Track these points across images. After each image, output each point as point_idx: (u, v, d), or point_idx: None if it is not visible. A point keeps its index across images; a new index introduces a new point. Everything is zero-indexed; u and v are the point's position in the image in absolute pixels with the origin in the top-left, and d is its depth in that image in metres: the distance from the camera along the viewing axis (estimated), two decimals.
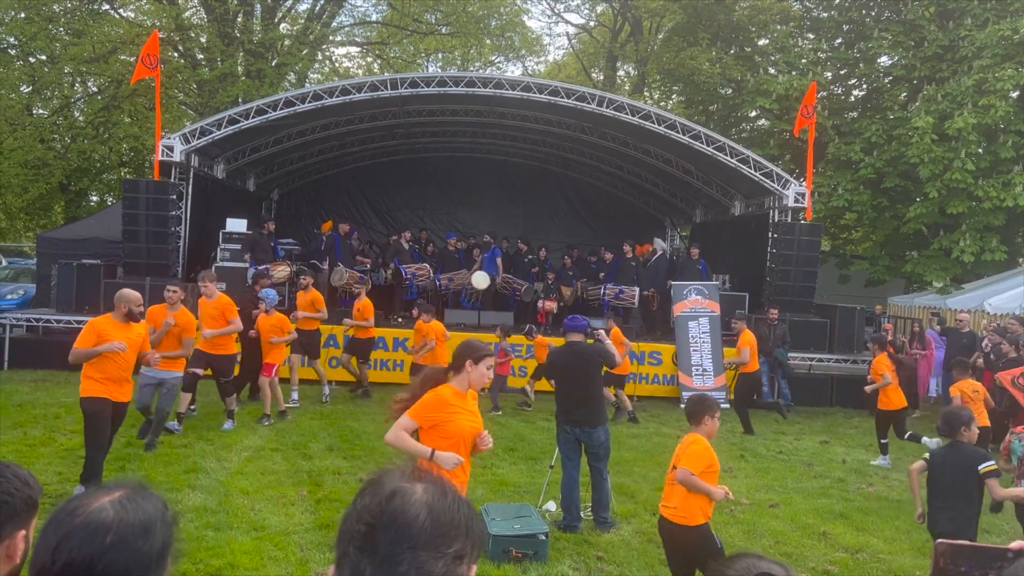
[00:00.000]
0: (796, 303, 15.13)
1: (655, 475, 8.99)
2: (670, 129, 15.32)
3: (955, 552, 1.96)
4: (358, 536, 1.30)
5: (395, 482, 1.36)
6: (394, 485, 1.35)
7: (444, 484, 1.38)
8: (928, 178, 18.34)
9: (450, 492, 1.36)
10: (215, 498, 7.09)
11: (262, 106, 14.98)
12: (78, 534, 1.36)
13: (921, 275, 19.68)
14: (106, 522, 1.37)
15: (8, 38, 23.62)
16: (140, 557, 1.38)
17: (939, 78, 19.72)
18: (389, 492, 1.33)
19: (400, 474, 1.39)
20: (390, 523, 1.29)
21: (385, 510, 1.30)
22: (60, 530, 1.37)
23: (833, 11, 23.27)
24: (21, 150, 21.88)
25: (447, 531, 1.30)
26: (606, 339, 7.39)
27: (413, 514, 1.29)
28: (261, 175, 19.50)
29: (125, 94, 23.55)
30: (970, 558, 1.95)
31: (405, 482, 1.36)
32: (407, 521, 1.29)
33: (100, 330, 6.71)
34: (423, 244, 18.09)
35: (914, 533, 7.48)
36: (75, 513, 1.39)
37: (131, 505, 1.41)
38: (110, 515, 1.38)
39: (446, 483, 1.38)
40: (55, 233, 18.02)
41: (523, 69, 36.18)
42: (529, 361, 13.48)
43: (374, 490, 1.36)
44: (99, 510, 1.39)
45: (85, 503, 1.40)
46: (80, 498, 1.43)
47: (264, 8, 25.81)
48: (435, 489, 1.35)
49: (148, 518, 1.41)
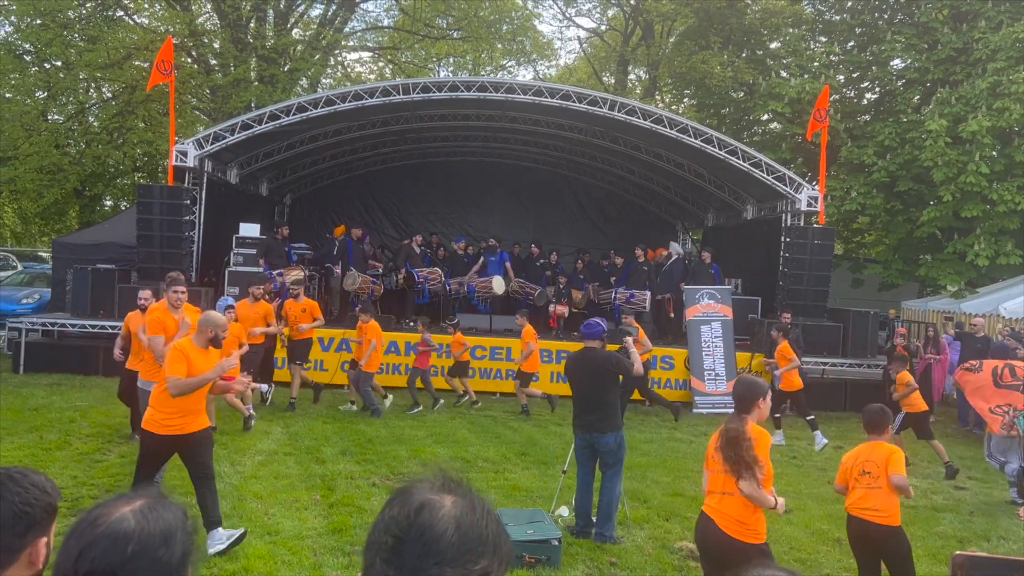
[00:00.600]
0: (809, 307, 15.06)
1: (668, 480, 8.98)
2: (682, 133, 15.30)
3: (973, 563, 1.96)
4: (385, 548, 1.30)
5: (424, 494, 1.35)
6: (423, 497, 1.34)
7: (474, 498, 1.37)
8: (942, 181, 18.25)
9: (479, 507, 1.35)
10: (229, 502, 7.12)
11: (275, 111, 15.05)
12: (100, 544, 1.37)
13: (935, 279, 19.56)
14: (127, 532, 1.39)
15: (24, 44, 23.83)
16: (161, 566, 1.39)
17: (953, 81, 19.61)
18: (418, 505, 1.32)
19: (429, 485, 1.38)
20: (417, 538, 1.29)
21: (413, 524, 1.30)
22: (82, 540, 1.39)
23: (845, 14, 23.20)
24: (37, 156, 22.06)
25: (474, 547, 1.30)
26: (631, 348, 7.37)
27: (441, 529, 1.29)
28: (274, 180, 19.60)
29: (139, 100, 23.70)
30: (988, 568, 1.95)
31: (434, 494, 1.35)
32: (434, 536, 1.28)
33: (190, 357, 5.81)
34: (434, 248, 18.13)
35: (929, 540, 7.44)
36: (96, 523, 1.40)
37: (152, 514, 1.42)
38: (131, 525, 1.40)
39: (475, 496, 1.38)
40: (70, 238, 18.16)
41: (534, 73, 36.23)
42: (448, 361, 13.14)
43: (403, 501, 1.35)
44: (120, 520, 1.40)
45: (106, 512, 1.42)
46: (101, 507, 1.44)
47: (277, 14, 25.94)
48: (464, 503, 1.35)
49: (169, 527, 1.42)
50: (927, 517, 8.20)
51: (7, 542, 1.71)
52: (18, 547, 1.72)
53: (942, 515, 8.28)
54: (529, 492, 8.09)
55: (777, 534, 7.25)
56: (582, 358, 7.09)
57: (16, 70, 23.33)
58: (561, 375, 13.32)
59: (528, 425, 11.72)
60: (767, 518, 4.63)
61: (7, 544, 1.71)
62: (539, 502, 7.63)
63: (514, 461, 9.39)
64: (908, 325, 17.69)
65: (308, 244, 18.06)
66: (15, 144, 21.99)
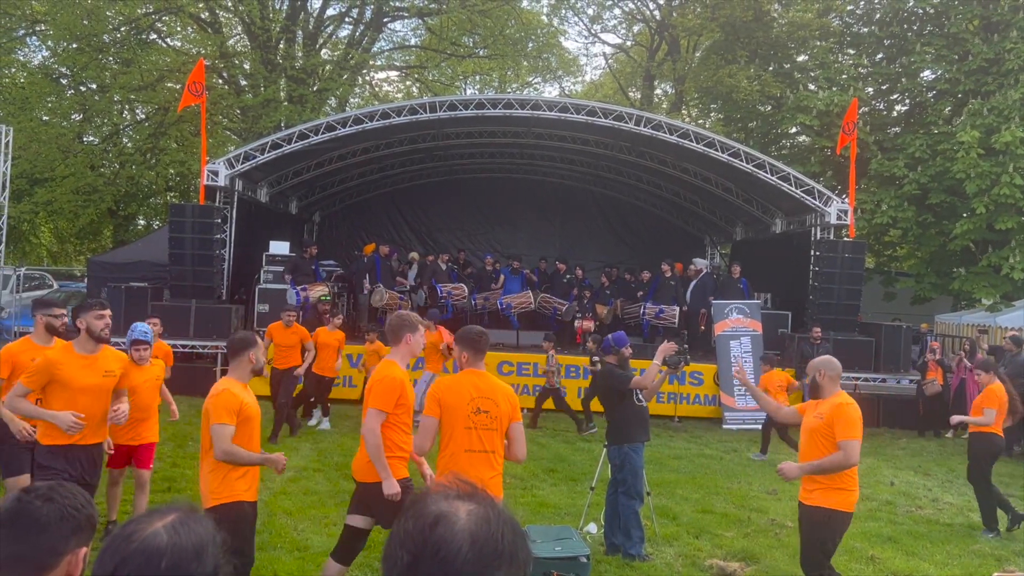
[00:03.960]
0: (840, 322, 14.88)
1: (697, 496, 8.90)
2: (709, 147, 15.25)
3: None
4: (401, 564, 1.29)
5: (439, 504, 1.34)
6: (438, 509, 1.33)
7: (489, 506, 1.35)
8: (975, 193, 17.99)
9: (495, 516, 1.33)
10: (259, 519, 7.15)
11: (304, 131, 15.25)
12: (134, 559, 1.40)
13: (969, 292, 19.26)
14: (160, 547, 1.41)
15: (61, 68, 24.42)
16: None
17: (985, 91, 19.37)
18: (432, 519, 1.31)
19: (444, 494, 1.36)
20: (432, 555, 1.27)
21: (428, 540, 1.28)
22: (116, 555, 1.42)
23: (873, 26, 23.03)
24: (73, 177, 22.54)
25: (490, 561, 1.28)
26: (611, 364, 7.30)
27: (456, 547, 1.27)
28: (303, 198, 19.82)
29: (172, 120, 24.16)
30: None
31: (449, 505, 1.33)
32: (450, 554, 1.27)
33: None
34: (461, 264, 18.19)
35: (965, 558, 7.29)
36: (130, 539, 1.43)
37: (184, 529, 1.45)
38: (164, 540, 1.42)
39: (491, 504, 1.35)
40: (104, 257, 18.49)
41: (560, 89, 36.40)
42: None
43: (417, 513, 1.34)
44: (153, 535, 1.43)
45: (140, 528, 1.45)
46: (135, 523, 1.47)
47: (305, 34, 26.34)
48: (480, 512, 1.33)
49: (200, 542, 1.45)
50: (964, 535, 8.04)
51: (53, 543, 1.77)
52: (63, 550, 1.77)
53: (979, 533, 8.11)
54: (557, 509, 8.06)
55: None
56: (598, 374, 7.23)
57: (53, 93, 23.91)
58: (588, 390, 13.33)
59: (556, 441, 11.68)
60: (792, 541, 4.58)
61: (52, 545, 1.77)
62: (567, 519, 7.59)
63: (542, 477, 9.36)
64: (942, 339, 17.42)
65: (337, 261, 18.21)
66: (52, 166, 22.49)
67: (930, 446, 13.07)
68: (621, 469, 6.84)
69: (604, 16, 32.30)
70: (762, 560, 6.83)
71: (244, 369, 4.82)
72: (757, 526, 7.86)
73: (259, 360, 4.87)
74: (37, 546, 1.75)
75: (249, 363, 4.81)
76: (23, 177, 22.41)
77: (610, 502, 6.94)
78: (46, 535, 1.76)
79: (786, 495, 9.20)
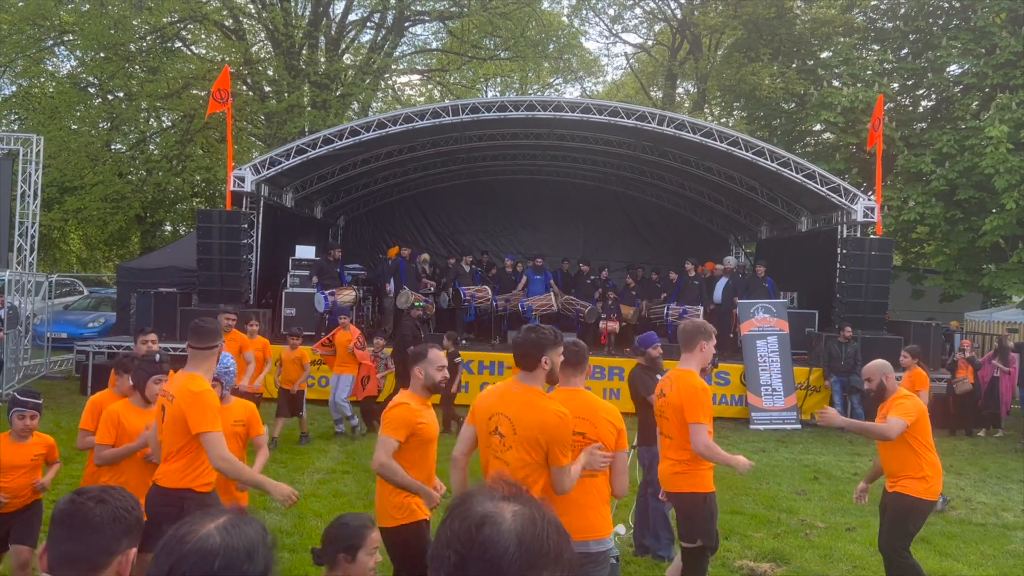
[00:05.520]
0: (868, 320, 14.74)
1: (727, 497, 8.84)
2: (733, 146, 15.18)
3: None
4: (448, 564, 1.31)
5: (484, 505, 1.35)
6: (484, 510, 1.34)
7: (534, 507, 1.36)
8: (1004, 189, 17.72)
9: (540, 517, 1.35)
10: (289, 520, 7.25)
11: (328, 135, 15.37)
12: (189, 560, 1.45)
13: (1000, 289, 18.98)
14: (214, 548, 1.46)
15: (89, 77, 24.80)
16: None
17: (1013, 86, 19.09)
18: (479, 519, 1.32)
19: (489, 495, 1.37)
20: (480, 555, 1.29)
21: (475, 540, 1.30)
22: (171, 556, 1.46)
23: (898, 21, 22.78)
24: (102, 185, 22.87)
25: (536, 561, 1.30)
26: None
27: (503, 547, 1.29)
28: (328, 202, 19.98)
29: (197, 127, 24.45)
30: None
31: (494, 506, 1.35)
32: (497, 554, 1.29)
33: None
34: (484, 266, 18.24)
35: (1000, 559, 7.21)
36: (184, 540, 1.47)
37: (235, 531, 1.49)
38: (217, 541, 1.47)
39: (535, 505, 1.37)
40: (133, 263, 18.76)
41: (581, 90, 36.35)
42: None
43: (463, 514, 1.35)
44: (206, 536, 1.47)
45: (193, 530, 1.49)
46: (188, 524, 1.52)
47: (328, 40, 26.55)
48: (525, 513, 1.34)
49: (251, 543, 1.49)
50: (997, 535, 7.94)
51: (105, 543, 1.83)
52: (115, 549, 1.83)
53: (1013, 533, 8.01)
54: None
55: (840, 552, 7.10)
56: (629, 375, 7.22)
57: (81, 102, 24.28)
58: (614, 391, 13.31)
59: None
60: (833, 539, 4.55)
61: (105, 545, 1.83)
62: None
63: None
64: (972, 336, 17.20)
65: (362, 265, 18.33)
66: (81, 174, 22.84)
67: (962, 445, 12.90)
68: (651, 470, 6.83)
69: (625, 16, 32.24)
70: (792, 561, 6.80)
71: (416, 384, 4.47)
72: (787, 527, 7.82)
73: (430, 376, 4.43)
74: (91, 546, 1.81)
75: (417, 378, 4.44)
76: (53, 185, 22.78)
77: (639, 504, 6.94)
78: (99, 535, 1.82)
79: (815, 496, 9.14)
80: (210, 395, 4.33)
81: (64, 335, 17.53)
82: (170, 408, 4.33)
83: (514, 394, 3.93)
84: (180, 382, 4.43)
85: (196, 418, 4.22)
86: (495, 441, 3.93)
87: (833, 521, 8.06)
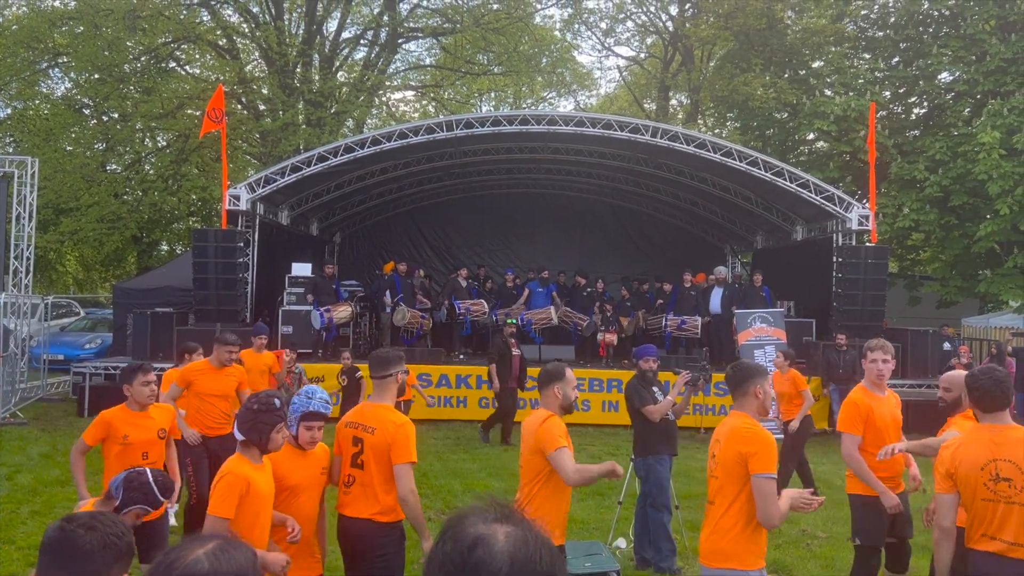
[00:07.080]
0: (865, 328, 14.70)
1: None
2: (726, 156, 15.22)
3: None
4: None
5: (477, 527, 1.34)
6: (476, 532, 1.33)
7: (527, 528, 1.36)
8: (998, 194, 17.81)
9: (532, 538, 1.34)
10: None
11: (323, 153, 15.39)
12: None
13: (996, 294, 19.02)
14: (202, 574, 1.44)
15: (83, 99, 24.86)
16: None
17: (1004, 92, 19.21)
18: (472, 541, 1.32)
19: (482, 515, 1.37)
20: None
21: (468, 562, 1.30)
22: None
23: (889, 30, 22.93)
24: (97, 206, 22.86)
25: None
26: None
27: (496, 568, 1.29)
28: (324, 219, 19.98)
29: (193, 147, 24.49)
30: None
31: (487, 527, 1.34)
32: (490, 575, 1.29)
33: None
34: (481, 281, 18.23)
35: None
36: (172, 566, 1.46)
37: (224, 556, 1.48)
38: (205, 567, 1.45)
39: (529, 526, 1.36)
40: (129, 283, 18.72)
41: (575, 103, 36.51)
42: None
43: (456, 535, 1.34)
44: (195, 562, 1.46)
45: (182, 556, 1.47)
46: (177, 550, 1.50)
47: (322, 58, 26.65)
48: (518, 534, 1.34)
49: (240, 568, 1.48)
50: None
51: (95, 569, 1.81)
52: None
53: None
54: (586, 524, 8.02)
55: (842, 562, 7.04)
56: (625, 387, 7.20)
57: (76, 124, 24.34)
58: (614, 404, 13.29)
59: (582, 456, 11.62)
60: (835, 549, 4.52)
61: (95, 572, 1.82)
62: (596, 534, 7.56)
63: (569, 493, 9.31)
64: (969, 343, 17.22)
65: (359, 281, 18.31)
66: (77, 195, 22.84)
67: None
68: (647, 481, 6.82)
69: (617, 29, 32.38)
70: (794, 571, 6.77)
71: (552, 403, 4.48)
72: (788, 537, 7.78)
73: (567, 395, 4.44)
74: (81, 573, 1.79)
75: (555, 398, 4.43)
76: (49, 207, 22.78)
77: (639, 516, 6.92)
78: (89, 562, 1.80)
79: None
80: (410, 427, 4.37)
81: (61, 357, 17.47)
82: (371, 440, 4.31)
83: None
84: (377, 413, 4.41)
85: (400, 449, 4.24)
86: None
87: (834, 531, 8.02)
